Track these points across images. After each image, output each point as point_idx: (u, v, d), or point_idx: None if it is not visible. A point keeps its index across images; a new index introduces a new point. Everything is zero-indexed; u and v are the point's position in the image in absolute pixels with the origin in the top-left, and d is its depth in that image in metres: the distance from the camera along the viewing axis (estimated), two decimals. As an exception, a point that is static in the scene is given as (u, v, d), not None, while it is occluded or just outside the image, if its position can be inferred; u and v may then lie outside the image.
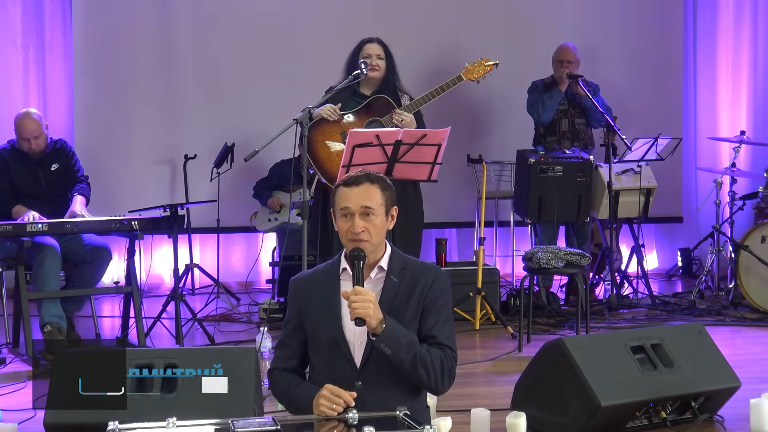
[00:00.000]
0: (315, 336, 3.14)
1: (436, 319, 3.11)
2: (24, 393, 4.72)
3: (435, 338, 3.09)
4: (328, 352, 3.11)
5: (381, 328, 2.96)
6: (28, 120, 5.80)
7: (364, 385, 3.05)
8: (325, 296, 3.14)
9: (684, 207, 8.23)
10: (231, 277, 7.76)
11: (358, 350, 3.08)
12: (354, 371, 3.07)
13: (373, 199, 3.08)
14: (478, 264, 6.30)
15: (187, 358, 3.81)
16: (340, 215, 3.10)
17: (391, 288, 3.11)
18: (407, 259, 3.21)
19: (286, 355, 3.20)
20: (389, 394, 3.05)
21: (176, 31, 7.61)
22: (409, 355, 2.99)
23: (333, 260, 3.23)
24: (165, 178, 7.63)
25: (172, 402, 3.64)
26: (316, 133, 5.37)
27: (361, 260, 3.04)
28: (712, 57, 8.25)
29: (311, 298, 3.15)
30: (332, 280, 3.16)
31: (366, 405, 2.96)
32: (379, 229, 3.09)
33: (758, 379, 4.77)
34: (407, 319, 3.08)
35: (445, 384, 3.09)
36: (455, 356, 3.12)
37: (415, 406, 3.09)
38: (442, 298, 3.14)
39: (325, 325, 3.11)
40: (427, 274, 3.14)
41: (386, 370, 3.04)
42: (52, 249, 5.61)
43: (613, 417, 3.84)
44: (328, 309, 3.11)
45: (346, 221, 3.07)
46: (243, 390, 3.64)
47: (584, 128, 7.06)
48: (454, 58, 6.90)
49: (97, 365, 3.82)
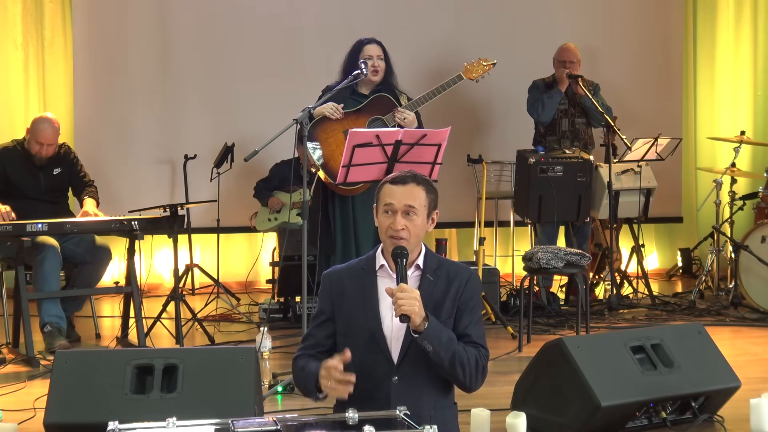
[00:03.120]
0: (351, 331, 3.16)
1: (470, 318, 3.17)
2: (24, 393, 4.72)
3: (469, 337, 3.15)
4: (365, 347, 3.12)
5: (424, 326, 3.01)
6: (48, 126, 5.81)
7: (400, 381, 3.10)
8: (362, 291, 3.16)
9: (684, 207, 8.23)
10: (231, 277, 7.76)
11: (395, 346, 3.12)
12: (391, 367, 3.11)
13: (417, 199, 3.13)
14: (478, 264, 6.30)
15: (187, 358, 3.82)
16: (382, 211, 3.14)
17: (427, 287, 3.15)
18: (441, 259, 3.28)
19: (311, 344, 3.21)
20: (423, 390, 3.12)
21: (176, 31, 7.62)
22: (448, 353, 3.05)
23: (368, 255, 3.26)
24: (165, 178, 7.64)
25: (172, 402, 3.64)
26: (318, 131, 5.38)
27: (404, 258, 3.08)
28: (712, 57, 8.25)
29: (346, 293, 3.17)
30: (369, 275, 3.19)
31: (401, 400, 2.99)
32: (419, 230, 3.14)
33: (758, 379, 4.78)
34: (443, 317, 3.13)
35: (478, 381, 3.16)
36: (488, 355, 3.19)
37: (445, 402, 3.19)
38: (475, 299, 3.21)
39: (362, 320, 3.13)
40: (462, 275, 3.20)
41: (422, 366, 3.09)
42: (52, 249, 5.61)
43: (613, 417, 3.84)
44: (366, 304, 3.14)
45: (388, 218, 3.12)
46: (243, 390, 3.64)
47: (584, 128, 7.06)
48: (454, 58, 6.91)
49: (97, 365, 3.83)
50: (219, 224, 7.36)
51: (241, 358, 3.78)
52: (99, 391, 3.71)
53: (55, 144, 5.85)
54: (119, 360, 3.83)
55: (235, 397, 3.66)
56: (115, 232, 5.68)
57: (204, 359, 3.84)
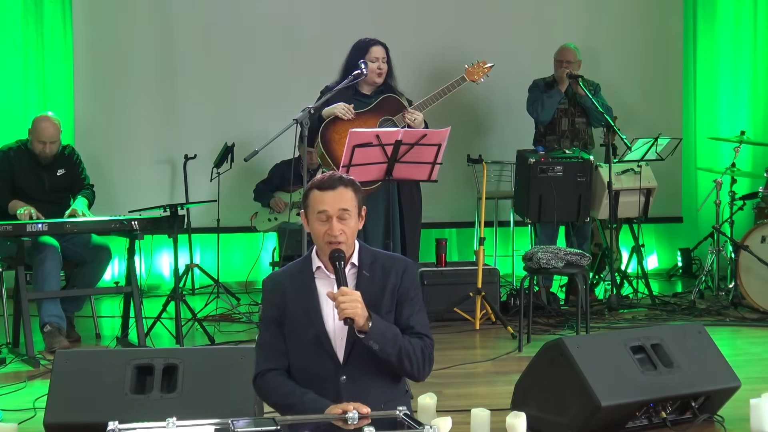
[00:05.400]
0: (295, 335, 3.15)
1: (411, 309, 3.17)
2: (24, 393, 4.72)
3: (413, 328, 3.15)
4: (310, 350, 3.13)
5: (368, 326, 3.00)
6: (48, 124, 5.82)
7: (348, 380, 3.10)
8: (302, 295, 3.16)
9: (684, 207, 8.23)
10: (231, 277, 7.76)
11: (339, 346, 3.12)
12: (338, 367, 3.11)
13: (348, 201, 3.12)
14: (478, 264, 6.30)
15: (187, 358, 3.82)
16: (316, 218, 3.12)
17: (365, 283, 3.15)
18: (376, 252, 3.26)
19: (274, 355, 3.17)
20: (372, 385, 3.11)
21: (176, 31, 7.61)
22: (395, 348, 3.05)
23: (304, 258, 3.25)
24: (165, 178, 7.63)
25: (172, 402, 3.65)
26: (331, 132, 5.40)
27: (342, 260, 3.09)
28: (712, 57, 8.25)
29: (288, 297, 3.16)
30: (307, 278, 3.18)
31: (351, 398, 3.00)
32: (353, 230, 3.15)
33: (758, 379, 4.77)
34: (384, 311, 3.12)
35: (426, 371, 3.17)
36: (433, 343, 3.20)
37: (397, 393, 3.19)
38: (414, 289, 3.20)
39: (306, 323, 3.12)
40: (397, 266, 3.20)
41: (368, 362, 3.09)
42: (53, 249, 5.61)
43: (613, 417, 3.84)
44: (308, 307, 3.14)
45: (323, 224, 3.11)
46: (243, 390, 3.64)
47: (584, 128, 7.07)
48: (454, 59, 6.90)
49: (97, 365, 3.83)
50: (219, 224, 7.35)
51: (241, 358, 3.78)
52: (99, 391, 3.71)
53: (57, 142, 5.85)
54: (119, 360, 3.83)
55: (235, 397, 3.66)
56: (115, 232, 5.68)
57: (204, 359, 3.85)
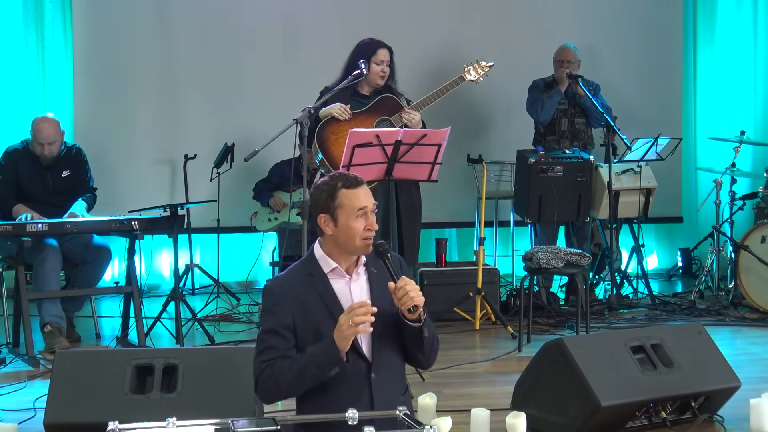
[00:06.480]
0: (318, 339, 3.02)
1: None
2: (24, 393, 4.72)
3: None
4: None
5: (425, 313, 3.03)
6: (46, 124, 5.80)
7: (377, 376, 3.07)
8: (321, 298, 3.08)
9: (684, 207, 8.23)
10: (231, 277, 7.76)
11: (365, 344, 3.08)
12: (368, 365, 3.07)
13: (372, 196, 3.14)
14: (478, 264, 6.30)
15: (187, 358, 3.82)
16: (354, 216, 3.06)
17: (374, 279, 3.15)
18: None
19: (276, 356, 3.03)
20: (394, 379, 3.13)
21: (176, 31, 7.61)
22: (431, 331, 3.09)
23: (304, 261, 3.19)
24: (165, 178, 7.63)
25: (172, 402, 3.65)
26: (328, 132, 5.39)
27: (388, 253, 3.09)
28: (712, 57, 8.25)
29: (306, 302, 3.07)
30: (320, 280, 3.11)
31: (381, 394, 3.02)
32: None
33: (758, 379, 4.78)
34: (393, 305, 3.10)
35: (434, 358, 3.19)
36: None
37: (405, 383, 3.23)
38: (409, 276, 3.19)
39: (331, 326, 2.99)
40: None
41: (389, 357, 3.09)
42: (53, 249, 5.61)
43: (613, 417, 3.84)
44: (331, 310, 3.05)
45: (361, 220, 3.06)
46: (243, 390, 3.64)
47: (584, 128, 7.07)
48: (454, 59, 6.90)
49: (97, 365, 3.83)
50: (219, 224, 7.35)
51: (241, 358, 3.78)
52: (99, 391, 3.72)
53: (57, 142, 5.84)
54: (119, 360, 3.83)
55: (235, 397, 3.67)
56: (115, 232, 5.68)
57: (204, 359, 3.85)
